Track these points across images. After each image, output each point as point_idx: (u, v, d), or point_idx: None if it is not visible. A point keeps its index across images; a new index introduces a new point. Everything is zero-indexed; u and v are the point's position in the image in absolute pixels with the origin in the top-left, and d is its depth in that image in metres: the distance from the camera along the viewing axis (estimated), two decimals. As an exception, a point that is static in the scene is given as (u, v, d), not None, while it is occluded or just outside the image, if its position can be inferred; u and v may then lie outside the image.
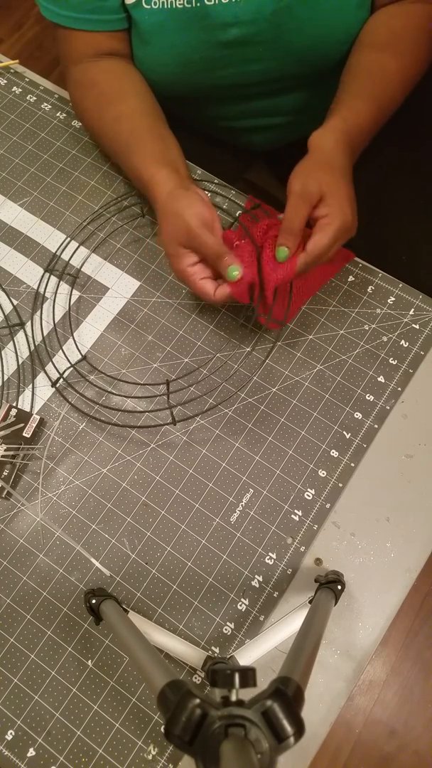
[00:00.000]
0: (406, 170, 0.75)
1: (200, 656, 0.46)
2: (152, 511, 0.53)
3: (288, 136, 0.77)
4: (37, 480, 0.54)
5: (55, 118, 0.68)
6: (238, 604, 0.50)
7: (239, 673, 0.29)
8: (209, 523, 0.52)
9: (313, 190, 0.48)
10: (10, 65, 0.71)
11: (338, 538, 0.52)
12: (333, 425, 0.55)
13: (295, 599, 0.50)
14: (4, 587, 0.51)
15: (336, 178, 0.49)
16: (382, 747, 1.09)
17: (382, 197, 0.74)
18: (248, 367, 0.58)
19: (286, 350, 0.58)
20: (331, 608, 0.44)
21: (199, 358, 0.58)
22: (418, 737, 1.10)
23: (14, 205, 0.65)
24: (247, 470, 0.54)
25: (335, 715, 0.47)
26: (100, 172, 0.66)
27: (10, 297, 0.61)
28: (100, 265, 0.62)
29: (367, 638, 0.49)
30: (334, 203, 0.48)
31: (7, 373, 0.58)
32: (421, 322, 0.59)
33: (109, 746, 0.47)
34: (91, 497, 0.54)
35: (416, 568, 0.51)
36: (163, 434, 0.55)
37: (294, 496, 0.53)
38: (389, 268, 0.61)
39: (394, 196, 0.74)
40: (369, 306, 0.59)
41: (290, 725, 0.28)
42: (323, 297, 0.60)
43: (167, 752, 0.47)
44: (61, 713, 0.48)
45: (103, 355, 0.58)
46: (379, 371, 0.57)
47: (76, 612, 0.50)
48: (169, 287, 0.61)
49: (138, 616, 0.48)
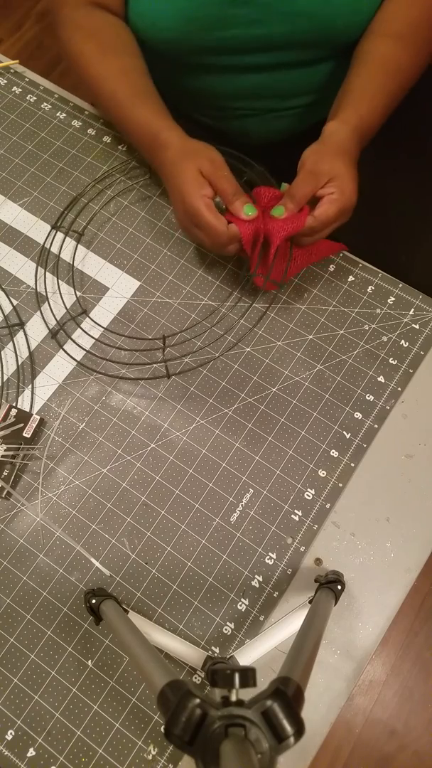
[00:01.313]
0: (405, 171, 0.75)
1: (200, 656, 0.46)
2: (152, 511, 0.53)
3: (281, 127, 0.76)
4: (37, 480, 0.54)
5: (55, 118, 0.68)
6: (238, 604, 0.50)
7: (239, 673, 0.29)
8: (209, 523, 0.53)
9: (324, 170, 0.51)
10: (10, 65, 0.71)
11: (338, 538, 0.52)
12: (333, 425, 0.55)
13: (295, 599, 0.50)
14: (4, 587, 0.51)
15: (346, 164, 0.52)
16: (382, 747, 1.09)
17: (382, 197, 0.74)
18: (249, 367, 0.58)
19: (286, 350, 0.58)
20: (331, 608, 0.44)
21: (199, 359, 0.58)
22: (418, 737, 1.10)
23: (14, 205, 0.65)
24: (247, 470, 0.54)
25: (335, 715, 0.47)
26: (100, 172, 0.66)
27: (10, 297, 0.61)
28: (100, 265, 0.62)
29: (367, 638, 0.49)
30: (343, 185, 0.51)
31: (7, 373, 0.58)
32: (421, 322, 0.59)
33: (109, 746, 0.47)
34: (91, 497, 0.54)
35: (416, 568, 0.51)
36: (163, 434, 0.55)
37: (294, 496, 0.53)
38: (389, 268, 0.61)
39: (394, 196, 0.74)
40: (369, 306, 0.59)
41: (290, 725, 0.28)
42: (323, 297, 0.60)
43: (167, 752, 0.47)
44: (61, 713, 0.48)
45: (103, 355, 0.58)
46: (379, 371, 0.57)
47: (76, 612, 0.50)
48: (169, 287, 0.61)
49: (138, 616, 0.48)
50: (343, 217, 0.53)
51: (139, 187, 0.65)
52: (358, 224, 0.55)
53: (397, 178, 0.75)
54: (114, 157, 0.66)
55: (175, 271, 0.61)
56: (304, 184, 0.51)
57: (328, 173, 0.51)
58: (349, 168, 0.52)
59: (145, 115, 0.56)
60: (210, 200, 0.52)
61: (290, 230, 0.52)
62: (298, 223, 0.51)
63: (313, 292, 0.60)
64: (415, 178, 0.76)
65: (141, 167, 0.66)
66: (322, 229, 0.53)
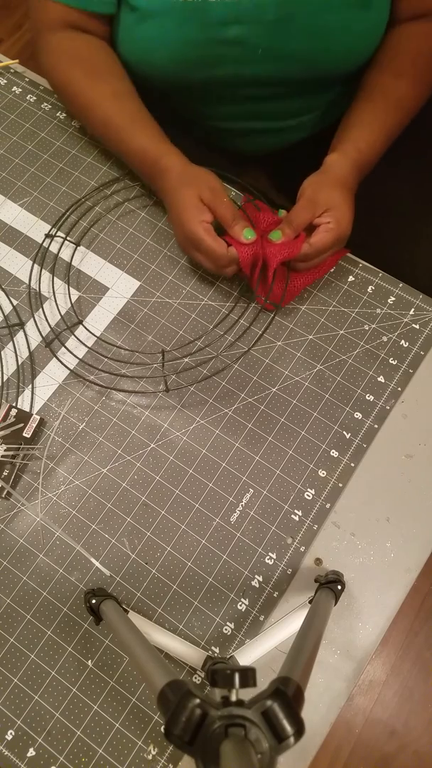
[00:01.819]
0: (405, 171, 0.75)
1: (200, 656, 0.46)
2: (152, 511, 0.53)
3: (275, 144, 0.77)
4: (37, 480, 0.54)
5: (55, 118, 0.68)
6: (238, 604, 0.50)
7: (239, 673, 0.29)
8: (209, 523, 0.53)
9: (321, 200, 0.53)
10: (10, 65, 0.71)
11: (338, 538, 0.52)
12: (333, 425, 0.55)
13: (295, 599, 0.50)
14: (4, 587, 0.51)
15: (344, 196, 0.54)
16: (382, 747, 1.09)
17: (382, 198, 0.74)
18: (249, 367, 0.58)
19: (286, 350, 0.58)
20: (331, 608, 0.44)
21: (199, 358, 0.58)
22: (418, 737, 1.10)
23: (14, 205, 0.65)
24: (247, 470, 0.54)
25: (335, 715, 0.47)
26: (100, 171, 0.66)
27: (10, 297, 0.61)
28: (100, 265, 0.62)
29: (367, 638, 0.49)
30: (339, 216, 0.53)
31: (7, 373, 0.58)
32: (421, 322, 0.59)
33: (109, 746, 0.47)
34: (91, 497, 0.54)
35: (416, 568, 0.51)
36: (163, 434, 0.55)
37: (294, 496, 0.53)
38: (389, 268, 0.61)
39: (394, 196, 0.74)
40: (369, 306, 0.59)
41: (290, 725, 0.28)
42: (323, 297, 0.60)
43: (167, 752, 0.47)
44: (61, 713, 0.48)
45: (103, 355, 0.58)
46: (379, 371, 0.57)
47: (76, 612, 0.50)
48: (169, 287, 0.61)
49: (138, 616, 0.48)
50: (338, 245, 0.55)
51: (140, 187, 0.65)
52: (359, 224, 0.56)
53: (397, 179, 0.75)
54: (113, 159, 0.66)
55: (175, 271, 0.61)
56: (302, 211, 0.53)
57: (325, 203, 0.53)
58: (346, 199, 0.54)
59: (144, 141, 0.57)
60: (209, 225, 0.53)
61: (286, 255, 0.53)
62: (294, 248, 0.53)
63: (313, 292, 0.60)
64: (415, 178, 0.76)
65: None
66: (316, 256, 0.55)
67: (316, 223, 0.53)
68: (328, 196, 0.53)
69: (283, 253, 0.53)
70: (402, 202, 0.75)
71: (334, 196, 0.53)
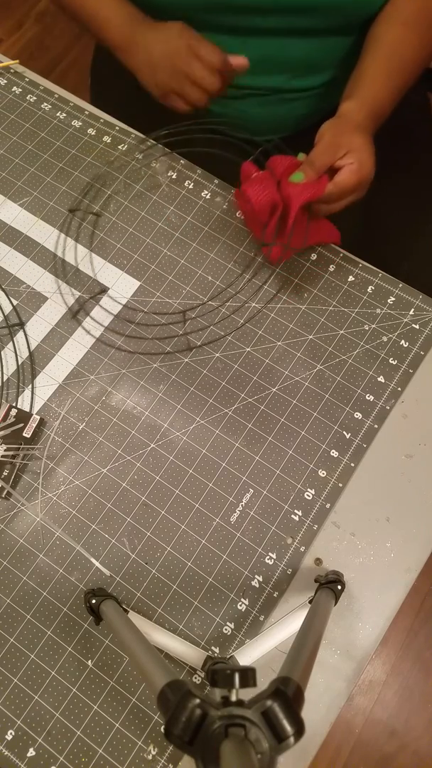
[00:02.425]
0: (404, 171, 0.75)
1: (200, 656, 0.46)
2: (152, 511, 0.53)
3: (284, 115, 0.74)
4: (37, 480, 0.54)
5: (55, 118, 0.68)
6: (238, 604, 0.50)
7: (239, 673, 0.29)
8: (209, 523, 0.53)
9: (343, 142, 0.52)
10: (10, 65, 0.71)
11: (338, 538, 0.52)
12: (333, 425, 0.55)
13: (295, 599, 0.50)
14: (4, 587, 0.51)
15: (365, 139, 0.53)
16: (382, 747, 1.09)
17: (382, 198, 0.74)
18: (249, 367, 0.58)
19: (286, 350, 0.58)
20: (331, 608, 0.44)
21: (199, 359, 0.58)
22: (418, 737, 1.10)
23: (14, 205, 0.65)
24: (247, 470, 0.54)
25: (335, 715, 0.47)
26: (100, 171, 0.66)
27: (10, 297, 0.61)
28: (100, 265, 0.62)
29: (367, 638, 0.49)
30: (362, 157, 0.52)
31: (7, 373, 0.58)
32: (421, 322, 0.59)
33: (109, 746, 0.47)
34: (91, 497, 0.54)
35: (416, 568, 0.51)
36: (163, 434, 0.55)
37: (294, 496, 0.53)
38: (389, 268, 0.61)
39: (393, 196, 0.74)
40: (369, 306, 0.59)
41: (290, 725, 0.28)
42: (323, 297, 0.60)
43: (167, 752, 0.47)
44: (61, 713, 0.48)
45: (103, 356, 0.58)
46: (379, 371, 0.57)
47: (76, 612, 0.50)
48: (169, 287, 0.61)
49: (138, 616, 0.48)
50: (360, 190, 0.54)
51: (140, 187, 0.65)
52: (358, 223, 0.56)
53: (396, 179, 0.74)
54: (114, 157, 0.66)
55: (175, 271, 0.61)
56: (323, 153, 0.52)
57: (347, 145, 0.52)
58: (367, 142, 0.53)
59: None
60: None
61: (310, 195, 0.51)
62: (319, 188, 0.51)
63: (313, 292, 0.60)
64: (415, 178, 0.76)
65: (142, 167, 0.66)
66: (340, 198, 0.54)
67: (338, 165, 0.52)
68: (349, 139, 0.52)
69: (308, 192, 0.51)
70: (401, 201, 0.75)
71: (355, 139, 0.53)
